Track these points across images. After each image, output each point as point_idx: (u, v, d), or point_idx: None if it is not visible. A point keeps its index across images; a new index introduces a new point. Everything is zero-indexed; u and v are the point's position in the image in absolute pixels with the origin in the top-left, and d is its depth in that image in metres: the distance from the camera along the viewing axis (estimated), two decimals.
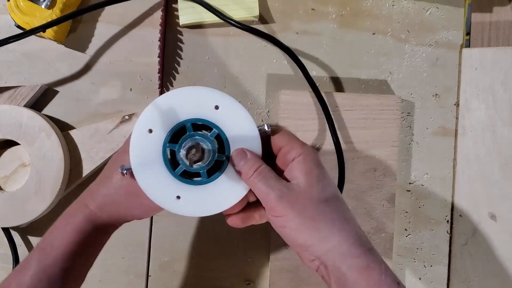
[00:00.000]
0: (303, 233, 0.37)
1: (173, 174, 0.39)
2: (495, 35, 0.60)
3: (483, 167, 0.57)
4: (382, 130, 0.56)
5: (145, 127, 0.39)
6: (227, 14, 0.56)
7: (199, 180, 0.39)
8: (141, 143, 0.39)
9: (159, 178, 0.39)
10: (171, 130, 0.39)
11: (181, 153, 0.38)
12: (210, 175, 0.39)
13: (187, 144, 0.38)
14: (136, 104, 0.57)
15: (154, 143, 0.39)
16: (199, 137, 0.38)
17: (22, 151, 0.55)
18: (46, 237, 0.42)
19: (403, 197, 0.58)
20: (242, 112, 0.40)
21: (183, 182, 0.39)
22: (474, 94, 0.58)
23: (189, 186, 0.39)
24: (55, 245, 0.41)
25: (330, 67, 0.58)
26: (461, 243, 0.58)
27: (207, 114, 0.40)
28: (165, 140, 0.39)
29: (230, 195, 0.40)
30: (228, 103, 0.40)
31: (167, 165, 0.39)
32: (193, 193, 0.39)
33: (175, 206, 0.39)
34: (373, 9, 0.59)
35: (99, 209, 0.43)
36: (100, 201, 0.43)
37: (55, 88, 0.57)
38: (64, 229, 0.42)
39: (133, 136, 0.39)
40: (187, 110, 0.39)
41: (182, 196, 0.39)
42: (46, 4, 0.53)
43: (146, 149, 0.39)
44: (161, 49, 0.57)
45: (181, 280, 0.57)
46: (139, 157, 0.39)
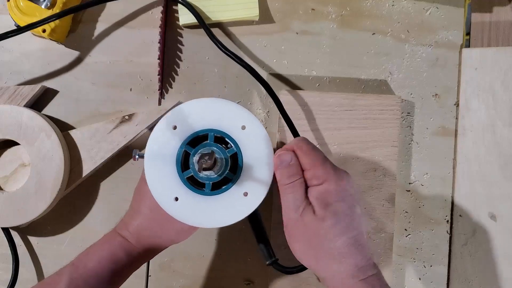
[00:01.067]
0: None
1: (180, 175, 0.39)
2: (495, 35, 0.60)
3: (483, 167, 0.57)
4: (382, 130, 0.56)
5: (172, 122, 0.40)
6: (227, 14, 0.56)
7: (202, 190, 0.39)
8: (162, 135, 0.40)
9: (166, 174, 0.39)
10: (193, 133, 0.40)
11: (194, 158, 0.38)
12: (214, 189, 0.39)
13: (203, 151, 0.38)
14: (136, 104, 0.57)
15: (174, 140, 0.39)
16: (217, 149, 0.38)
17: (22, 151, 0.55)
18: (81, 258, 0.43)
19: (403, 197, 0.58)
20: (265, 143, 0.40)
21: (186, 185, 0.39)
22: (474, 94, 0.58)
23: (191, 193, 0.39)
24: (89, 267, 0.42)
25: (330, 67, 0.58)
26: (461, 243, 0.58)
27: (232, 131, 0.40)
28: (184, 140, 0.39)
29: (228, 215, 0.40)
30: (256, 128, 0.40)
31: (178, 164, 0.39)
32: (192, 200, 0.39)
33: (171, 206, 0.39)
34: (373, 9, 0.59)
35: (135, 240, 0.44)
36: (134, 232, 0.44)
37: (55, 88, 0.57)
38: (101, 254, 0.43)
39: (158, 126, 0.40)
40: (216, 120, 0.40)
41: (180, 199, 0.39)
42: (46, 4, 0.53)
43: (165, 143, 0.40)
44: (161, 49, 0.57)
45: (181, 280, 0.57)
46: (156, 148, 0.40)
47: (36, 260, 0.57)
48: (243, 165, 0.40)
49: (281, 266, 0.46)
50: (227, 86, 0.58)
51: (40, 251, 0.57)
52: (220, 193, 0.39)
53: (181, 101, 0.57)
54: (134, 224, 0.44)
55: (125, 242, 0.44)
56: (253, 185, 0.40)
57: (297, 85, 0.58)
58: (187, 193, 0.39)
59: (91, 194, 0.57)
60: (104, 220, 0.57)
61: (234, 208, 0.40)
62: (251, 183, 0.40)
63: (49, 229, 0.57)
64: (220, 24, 0.58)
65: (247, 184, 0.40)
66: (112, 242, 0.44)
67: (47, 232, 0.57)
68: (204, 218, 0.40)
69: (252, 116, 0.41)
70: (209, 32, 0.54)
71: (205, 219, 0.40)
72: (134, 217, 0.44)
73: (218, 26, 0.58)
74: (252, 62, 0.58)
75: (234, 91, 0.58)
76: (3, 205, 0.53)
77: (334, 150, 0.55)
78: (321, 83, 0.58)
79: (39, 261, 0.57)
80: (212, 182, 0.39)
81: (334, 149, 0.55)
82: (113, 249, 0.43)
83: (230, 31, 0.58)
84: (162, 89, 0.58)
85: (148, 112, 0.55)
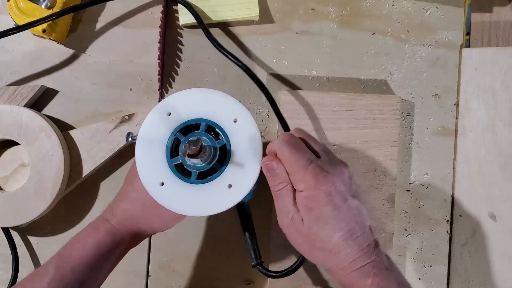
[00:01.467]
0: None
1: (169, 161, 0.40)
2: (495, 35, 0.60)
3: (483, 167, 0.57)
4: (382, 130, 0.56)
5: (167, 108, 0.40)
6: (227, 14, 0.56)
7: (188, 178, 0.40)
8: (156, 121, 0.40)
9: (155, 159, 0.40)
10: (186, 121, 0.40)
11: (183, 145, 0.38)
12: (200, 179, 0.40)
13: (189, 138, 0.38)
14: (136, 104, 0.57)
15: (166, 126, 0.40)
16: (206, 138, 0.39)
17: (22, 151, 0.55)
18: (67, 247, 0.43)
19: (403, 197, 0.58)
20: (254, 138, 0.40)
21: (173, 172, 0.40)
22: (474, 94, 0.58)
23: (177, 179, 0.40)
24: (74, 255, 0.42)
25: (330, 67, 0.58)
26: (461, 243, 0.58)
27: (224, 123, 0.40)
28: (177, 127, 0.40)
29: (210, 205, 0.40)
30: (247, 123, 0.41)
31: (167, 150, 0.40)
32: (178, 187, 0.40)
33: (156, 190, 0.40)
34: (373, 9, 0.59)
35: (119, 224, 0.44)
36: (119, 216, 0.44)
37: (55, 88, 0.57)
38: (85, 241, 0.43)
39: (153, 112, 0.40)
40: (209, 111, 0.40)
41: (166, 184, 0.40)
42: (46, 4, 0.53)
43: (158, 129, 0.40)
44: (161, 50, 0.57)
45: (181, 280, 0.57)
46: (148, 132, 0.40)
47: (36, 260, 0.57)
48: (230, 157, 0.40)
49: (265, 269, 0.46)
50: (227, 86, 0.58)
51: (40, 251, 0.57)
52: (205, 182, 0.40)
53: None
54: (120, 207, 0.44)
55: (109, 226, 0.44)
56: (238, 178, 0.40)
57: (297, 85, 0.58)
58: (173, 179, 0.40)
59: (91, 194, 0.57)
60: None
61: (217, 199, 0.40)
62: (237, 176, 0.40)
63: (49, 229, 0.57)
64: (220, 24, 0.58)
65: (233, 176, 0.40)
66: (96, 227, 0.44)
67: (47, 232, 0.57)
68: (186, 206, 0.40)
69: (245, 110, 0.41)
70: (207, 32, 0.54)
71: (187, 207, 0.40)
72: (121, 199, 0.45)
73: (218, 26, 0.58)
74: (252, 62, 0.58)
75: (234, 91, 0.58)
76: (3, 205, 0.53)
77: (334, 150, 0.55)
78: (321, 83, 0.58)
79: (39, 261, 0.57)
80: (199, 172, 0.39)
81: (334, 149, 0.55)
82: (97, 235, 0.43)
83: (230, 31, 0.58)
84: (162, 89, 0.58)
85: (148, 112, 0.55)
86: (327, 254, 0.39)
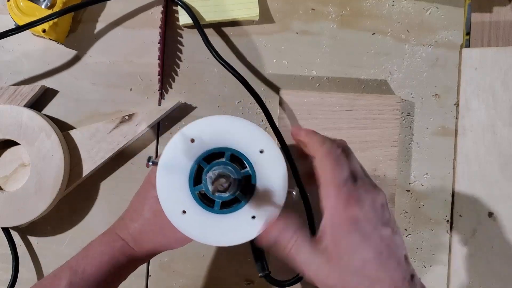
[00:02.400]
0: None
1: (191, 189, 0.39)
2: (495, 35, 0.60)
3: (483, 167, 0.57)
4: (382, 130, 0.56)
5: (190, 134, 0.39)
6: (227, 14, 0.56)
7: (210, 207, 0.39)
8: (179, 146, 0.39)
9: (177, 186, 0.39)
10: (211, 149, 0.39)
11: (208, 175, 0.37)
12: (223, 208, 0.39)
13: (219, 170, 0.37)
14: (136, 104, 0.57)
15: (189, 152, 0.39)
16: (231, 168, 0.37)
17: (22, 151, 0.55)
18: (80, 262, 0.43)
19: (403, 197, 0.58)
20: (281, 172, 0.39)
21: (196, 200, 0.39)
22: (474, 94, 0.58)
23: (199, 208, 0.39)
24: (88, 272, 0.42)
25: (330, 67, 0.58)
26: (461, 243, 0.58)
27: (250, 153, 0.39)
28: (201, 155, 0.39)
29: (232, 236, 0.39)
30: (274, 155, 0.39)
31: (190, 178, 0.39)
32: (199, 216, 0.39)
33: (178, 218, 0.39)
34: (373, 9, 0.59)
35: (135, 243, 0.43)
36: (135, 235, 0.43)
37: (55, 88, 0.57)
38: (101, 258, 0.42)
39: (176, 137, 0.39)
40: (234, 140, 0.39)
41: (188, 213, 0.39)
42: (46, 4, 0.53)
43: (181, 155, 0.39)
44: (161, 50, 0.57)
45: (181, 280, 0.57)
46: (171, 158, 0.39)
47: (36, 260, 0.57)
48: (255, 188, 0.39)
49: (273, 279, 0.46)
50: (227, 86, 0.58)
51: (40, 251, 0.57)
52: (228, 213, 0.39)
53: (181, 101, 0.57)
54: (136, 226, 0.44)
55: (125, 245, 0.43)
56: (262, 210, 0.39)
57: (297, 85, 0.58)
58: (196, 208, 0.39)
59: (91, 194, 0.57)
60: (104, 220, 0.57)
61: (240, 230, 0.39)
62: (261, 208, 0.39)
63: (49, 229, 0.57)
64: (220, 24, 0.58)
65: (257, 208, 0.39)
66: (112, 245, 0.43)
67: (47, 232, 0.57)
68: (208, 235, 0.39)
69: (272, 141, 0.40)
70: (206, 39, 0.54)
71: (209, 236, 0.39)
72: (136, 219, 0.44)
73: (218, 26, 0.58)
74: (252, 62, 0.58)
75: (234, 91, 0.58)
76: (3, 205, 0.53)
77: None
78: (321, 83, 0.58)
79: (39, 261, 0.57)
80: (222, 201, 0.38)
81: None
82: (114, 253, 0.43)
83: (230, 31, 0.58)
84: (162, 89, 0.58)
85: (148, 112, 0.55)
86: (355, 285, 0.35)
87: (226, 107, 0.58)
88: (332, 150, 0.37)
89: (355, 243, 0.35)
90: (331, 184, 0.36)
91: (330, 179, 0.36)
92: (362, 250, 0.35)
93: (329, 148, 0.37)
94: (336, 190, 0.36)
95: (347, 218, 0.35)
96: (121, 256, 0.43)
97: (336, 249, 0.35)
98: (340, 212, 0.35)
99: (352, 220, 0.35)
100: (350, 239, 0.35)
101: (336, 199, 0.36)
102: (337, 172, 0.36)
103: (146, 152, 0.57)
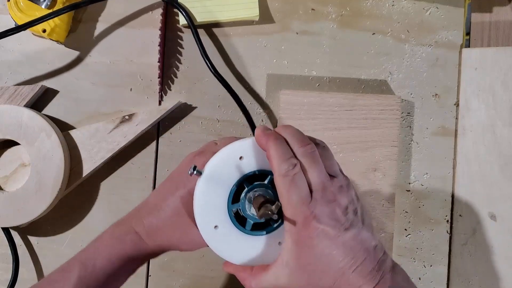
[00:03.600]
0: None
1: (229, 206, 0.38)
2: (495, 35, 0.60)
3: (483, 167, 0.57)
4: (382, 130, 0.56)
5: (240, 152, 0.38)
6: (227, 14, 0.56)
7: (242, 227, 0.39)
8: (226, 161, 0.38)
9: (215, 200, 0.38)
10: (256, 170, 0.38)
11: (248, 195, 0.37)
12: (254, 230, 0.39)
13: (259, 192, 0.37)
14: (136, 104, 0.57)
15: (235, 170, 0.38)
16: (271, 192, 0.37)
17: (22, 151, 0.55)
18: (90, 252, 0.42)
19: (403, 197, 0.58)
20: None
21: (230, 217, 0.38)
22: (474, 94, 0.58)
23: (231, 226, 0.38)
24: (98, 266, 0.41)
25: (330, 67, 0.58)
26: (461, 243, 0.58)
27: None
28: (246, 173, 0.38)
29: (256, 258, 0.39)
30: None
31: (230, 195, 0.38)
32: (230, 233, 0.38)
33: (208, 232, 0.39)
34: (373, 9, 0.59)
35: (147, 237, 0.42)
36: (150, 230, 0.42)
37: (55, 88, 0.57)
38: (111, 252, 0.41)
39: (225, 151, 0.38)
40: None
41: (220, 228, 0.38)
42: (46, 4, 0.53)
43: (226, 170, 0.38)
44: (161, 50, 0.57)
45: (181, 280, 0.57)
46: (217, 171, 0.38)
47: (36, 260, 0.57)
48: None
49: None
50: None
51: (40, 251, 0.57)
52: (258, 235, 0.39)
53: (181, 101, 0.57)
54: (152, 221, 0.42)
55: (138, 239, 0.42)
56: None
57: (297, 85, 0.58)
58: (229, 225, 0.38)
59: (91, 194, 0.57)
60: (104, 220, 0.57)
61: (265, 254, 0.39)
62: None
63: (49, 229, 0.57)
64: (220, 24, 0.58)
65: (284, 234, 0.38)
66: (123, 238, 0.42)
67: (47, 232, 0.57)
68: (235, 254, 0.39)
69: None
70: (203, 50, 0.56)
71: (235, 255, 0.39)
72: (153, 213, 0.43)
73: (218, 26, 0.58)
74: (252, 62, 0.58)
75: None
76: (3, 205, 0.53)
77: (334, 150, 0.55)
78: (321, 83, 0.58)
79: (39, 261, 0.57)
80: (254, 222, 0.38)
81: (334, 149, 0.55)
82: (124, 246, 0.42)
83: (230, 31, 0.58)
84: (162, 89, 0.58)
85: (148, 112, 0.55)
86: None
87: (226, 107, 0.58)
88: (288, 173, 0.35)
89: (317, 257, 0.35)
90: (287, 206, 0.35)
91: (286, 201, 0.35)
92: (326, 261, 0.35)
93: (284, 170, 0.35)
94: (293, 211, 0.35)
95: (306, 237, 0.35)
96: (132, 250, 0.42)
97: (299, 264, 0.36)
98: (298, 233, 0.35)
99: (311, 238, 0.35)
100: (312, 255, 0.35)
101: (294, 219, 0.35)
102: (293, 193, 0.35)
103: (146, 152, 0.57)
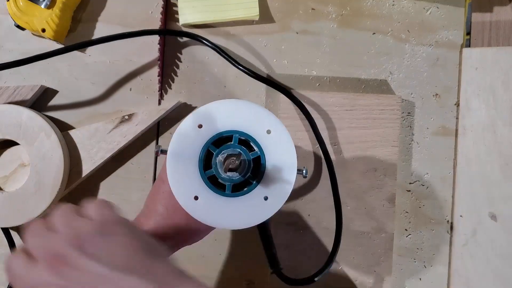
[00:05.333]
0: None
1: (202, 175, 0.39)
2: (495, 35, 0.60)
3: (483, 167, 0.57)
4: (382, 130, 0.56)
5: (198, 120, 0.39)
6: (227, 14, 0.56)
7: (222, 191, 0.39)
8: (187, 133, 0.39)
9: (187, 172, 0.39)
10: (218, 133, 0.39)
11: (218, 158, 0.37)
12: (235, 191, 0.39)
13: (228, 152, 0.37)
14: (136, 104, 0.57)
15: (198, 138, 0.39)
16: (242, 151, 0.38)
17: (22, 151, 0.55)
18: None
19: (403, 197, 0.58)
20: (289, 149, 0.39)
21: (207, 185, 0.39)
22: (475, 94, 0.58)
23: (211, 193, 0.39)
24: None
25: (330, 67, 0.58)
26: (461, 243, 0.57)
27: (257, 134, 0.39)
28: (209, 140, 0.39)
29: (246, 218, 0.39)
30: (281, 134, 0.40)
31: (200, 163, 0.39)
32: (212, 200, 0.39)
33: (190, 205, 0.39)
34: (373, 9, 0.59)
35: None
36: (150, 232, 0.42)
37: (55, 88, 0.57)
38: None
39: (184, 124, 0.39)
40: (240, 122, 0.39)
41: (200, 198, 0.39)
42: (46, 4, 0.53)
43: (189, 141, 0.39)
44: (161, 49, 0.57)
45: None
46: (179, 145, 0.39)
47: None
48: (265, 169, 0.39)
49: (284, 276, 0.45)
50: (227, 86, 0.58)
51: None
52: (241, 195, 0.39)
53: (181, 101, 0.57)
54: (150, 223, 0.43)
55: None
56: (274, 190, 0.39)
57: (297, 85, 0.58)
58: (208, 193, 0.39)
59: (91, 194, 0.57)
60: None
61: (254, 212, 0.39)
62: (272, 187, 0.39)
63: None
64: (220, 23, 0.58)
65: (268, 188, 0.39)
66: None
67: None
68: (222, 219, 0.39)
69: (278, 121, 0.40)
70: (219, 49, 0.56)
71: (223, 220, 0.39)
72: (150, 216, 0.43)
73: (218, 25, 0.58)
74: (252, 62, 0.58)
75: (234, 91, 0.58)
76: (3, 205, 0.53)
77: (334, 150, 0.55)
78: (321, 83, 0.58)
79: None
80: (232, 184, 0.39)
81: (334, 149, 0.55)
82: None
83: (230, 31, 0.58)
84: (162, 89, 0.58)
85: (148, 112, 0.55)
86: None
87: None
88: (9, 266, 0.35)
89: None
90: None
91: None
92: None
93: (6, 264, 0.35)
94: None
95: None
96: None
97: None
98: None
99: None
100: None
101: None
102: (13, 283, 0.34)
103: (146, 152, 0.57)
